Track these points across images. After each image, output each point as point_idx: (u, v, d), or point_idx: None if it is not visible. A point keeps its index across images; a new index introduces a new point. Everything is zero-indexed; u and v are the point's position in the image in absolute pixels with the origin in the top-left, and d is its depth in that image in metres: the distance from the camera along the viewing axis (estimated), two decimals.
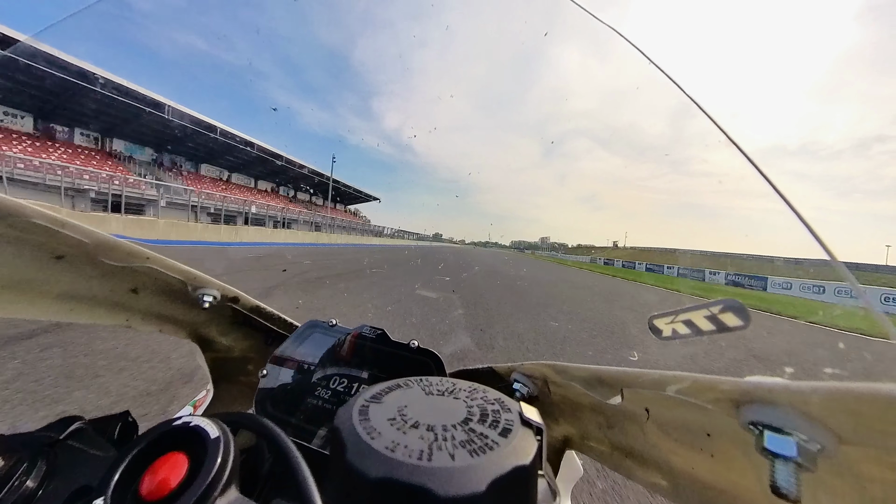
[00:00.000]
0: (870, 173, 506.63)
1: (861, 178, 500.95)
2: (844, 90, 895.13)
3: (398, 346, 0.61)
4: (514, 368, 0.55)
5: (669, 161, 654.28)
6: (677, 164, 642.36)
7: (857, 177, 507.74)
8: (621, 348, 5.12)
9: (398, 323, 5.09)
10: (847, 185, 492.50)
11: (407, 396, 0.33)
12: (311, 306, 5.38)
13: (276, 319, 0.73)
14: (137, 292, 0.58)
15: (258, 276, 8.26)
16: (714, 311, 0.33)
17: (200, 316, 0.69)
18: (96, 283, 0.52)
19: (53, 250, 0.45)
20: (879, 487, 0.25)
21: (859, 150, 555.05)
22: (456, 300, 7.20)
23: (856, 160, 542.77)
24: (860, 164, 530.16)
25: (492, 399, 0.33)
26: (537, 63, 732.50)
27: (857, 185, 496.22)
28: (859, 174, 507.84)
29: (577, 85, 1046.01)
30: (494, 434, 0.27)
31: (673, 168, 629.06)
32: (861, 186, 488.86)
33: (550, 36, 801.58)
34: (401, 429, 0.27)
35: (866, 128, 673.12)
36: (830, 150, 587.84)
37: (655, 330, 0.38)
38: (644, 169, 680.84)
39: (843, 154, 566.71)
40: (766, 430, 0.27)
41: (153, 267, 0.53)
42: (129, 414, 0.47)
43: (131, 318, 0.60)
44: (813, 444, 0.25)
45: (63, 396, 2.28)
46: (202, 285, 0.61)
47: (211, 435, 0.30)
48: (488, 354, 4.13)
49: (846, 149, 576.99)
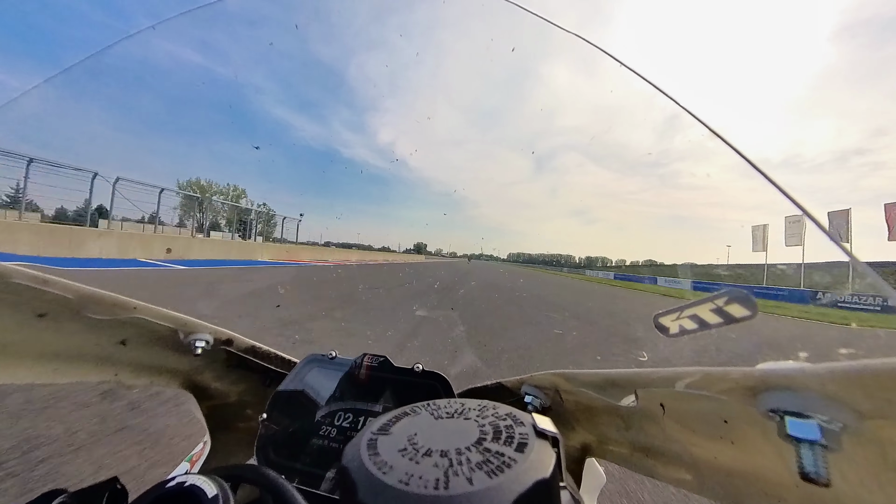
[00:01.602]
0: (851, 185, 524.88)
1: (842, 190, 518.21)
2: (823, 105, 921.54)
3: (402, 372, 0.59)
4: (523, 381, 0.54)
5: (658, 175, 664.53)
6: (665, 178, 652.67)
7: (838, 188, 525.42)
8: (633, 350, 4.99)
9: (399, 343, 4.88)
10: (829, 197, 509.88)
11: (416, 423, 0.32)
12: (307, 338, 5.23)
13: (273, 358, 0.71)
14: (126, 344, 0.56)
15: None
16: (719, 304, 0.33)
17: (193, 363, 0.66)
18: (81, 338, 0.50)
19: (35, 309, 0.44)
20: None
21: (839, 162, 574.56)
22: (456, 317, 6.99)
23: (837, 172, 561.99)
24: (841, 177, 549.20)
25: (503, 414, 0.32)
26: (528, 80, 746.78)
27: (839, 197, 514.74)
28: (840, 186, 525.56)
29: (567, 100, 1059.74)
30: (510, 450, 0.26)
31: (662, 181, 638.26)
32: (843, 198, 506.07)
33: (540, 54, 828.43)
34: (413, 458, 0.26)
35: (845, 141, 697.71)
36: (812, 164, 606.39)
37: (662, 328, 0.38)
38: (633, 182, 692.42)
39: (824, 167, 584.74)
40: (787, 416, 0.26)
41: (141, 317, 0.51)
42: (117, 480, 0.44)
43: (120, 373, 0.58)
44: (835, 423, 0.25)
45: (39, 469, 2.13)
46: (193, 331, 0.59)
47: (208, 494, 0.29)
48: (495, 370, 4.05)
49: (827, 162, 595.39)
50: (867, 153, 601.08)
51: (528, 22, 2.90)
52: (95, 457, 2.25)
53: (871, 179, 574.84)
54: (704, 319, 0.34)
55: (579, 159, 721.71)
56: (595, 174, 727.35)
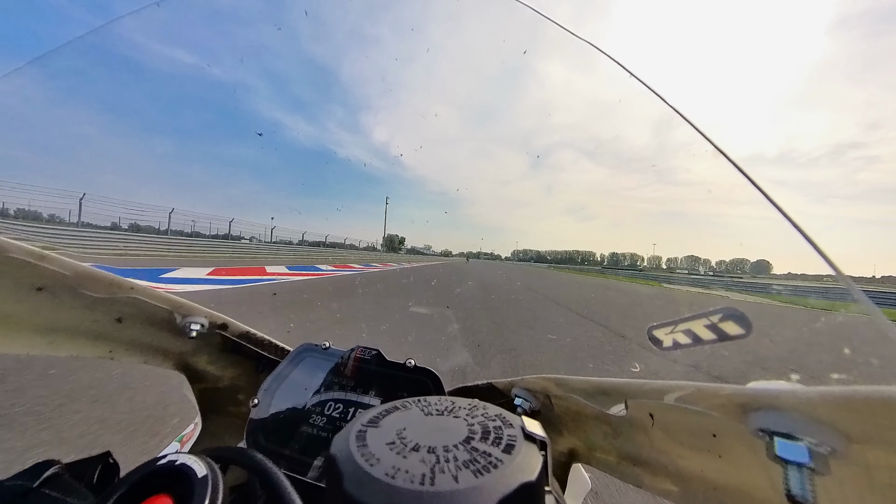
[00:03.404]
0: (846, 178, 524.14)
1: (837, 184, 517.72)
2: (819, 99, 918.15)
3: (394, 367, 0.59)
4: (514, 383, 0.54)
5: (655, 171, 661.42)
6: (662, 174, 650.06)
7: (833, 182, 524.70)
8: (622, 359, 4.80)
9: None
10: (824, 191, 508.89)
11: (405, 418, 0.32)
12: (304, 329, 5.18)
13: (267, 345, 0.71)
14: (121, 322, 0.56)
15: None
16: (714, 320, 0.33)
17: (188, 345, 0.66)
18: (78, 313, 0.51)
19: (33, 283, 0.44)
20: (892, 480, 0.25)
21: (835, 156, 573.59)
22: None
23: (832, 166, 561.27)
24: (836, 171, 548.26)
25: (493, 415, 0.32)
26: (522, 77, 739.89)
27: (833, 191, 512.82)
28: (835, 180, 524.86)
29: (562, 98, 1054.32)
30: (498, 451, 0.26)
31: (658, 177, 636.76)
32: (838, 192, 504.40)
33: (534, 50, 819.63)
34: (401, 453, 0.26)
35: (840, 135, 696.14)
36: (808, 158, 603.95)
37: (655, 341, 0.38)
38: (630, 179, 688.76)
39: (819, 161, 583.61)
40: (777, 437, 0.26)
41: (138, 297, 0.52)
42: (109, 455, 0.44)
43: (114, 350, 0.58)
44: (824, 447, 0.25)
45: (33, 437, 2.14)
46: (189, 313, 0.59)
47: (198, 474, 0.29)
48: (487, 370, 4.03)
49: (822, 156, 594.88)
50: (862, 147, 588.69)
51: (523, 18, 2.81)
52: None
53: (865, 173, 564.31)
54: (698, 335, 0.34)
55: (575, 156, 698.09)
56: (591, 171, 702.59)
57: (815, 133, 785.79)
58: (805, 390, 0.25)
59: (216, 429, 0.73)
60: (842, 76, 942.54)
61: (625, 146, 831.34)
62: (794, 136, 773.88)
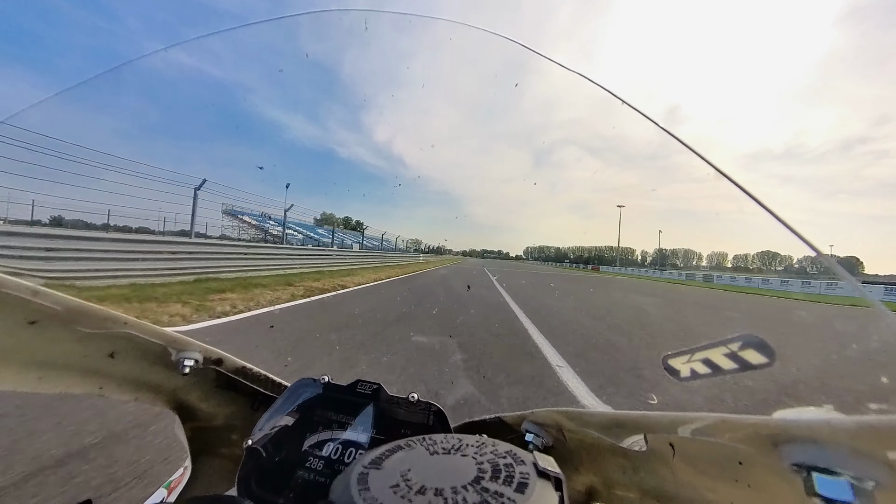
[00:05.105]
0: (854, 174, 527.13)
1: (846, 179, 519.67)
2: (826, 93, 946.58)
3: (397, 402, 0.57)
4: (524, 417, 0.52)
5: (658, 168, 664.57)
6: (666, 171, 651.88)
7: (841, 178, 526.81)
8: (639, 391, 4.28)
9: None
10: (833, 187, 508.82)
11: (410, 458, 0.30)
12: (303, 362, 5.01)
13: (264, 380, 0.68)
14: (114, 357, 0.54)
15: None
16: (733, 349, 0.32)
17: (181, 381, 0.64)
18: (69, 348, 0.49)
19: (25, 317, 0.43)
20: None
21: (843, 151, 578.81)
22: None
23: (840, 162, 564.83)
24: (844, 166, 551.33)
25: (503, 452, 0.30)
26: (525, 74, 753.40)
27: (842, 186, 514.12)
28: (844, 175, 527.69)
29: (565, 95, 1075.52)
30: (510, 491, 0.24)
31: (662, 174, 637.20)
32: (846, 187, 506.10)
33: (537, 46, 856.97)
34: (405, 496, 0.24)
35: (848, 130, 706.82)
36: (815, 153, 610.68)
37: (672, 371, 0.36)
38: (634, 176, 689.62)
39: (827, 156, 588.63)
40: (815, 472, 0.24)
41: (131, 332, 0.51)
42: (90, 503, 0.41)
43: (105, 386, 0.56)
44: (867, 482, 0.23)
45: None
46: (183, 348, 0.57)
47: None
48: (495, 405, 3.85)
49: (830, 151, 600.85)
50: (870, 142, 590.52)
51: (524, 14, 2.87)
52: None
53: (874, 168, 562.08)
54: (718, 364, 0.33)
55: (578, 153, 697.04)
56: (595, 169, 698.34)
57: (823, 128, 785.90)
58: (841, 419, 0.24)
59: (207, 472, 0.69)
60: (849, 70, 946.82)
61: (628, 143, 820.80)
62: (801, 132, 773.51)
